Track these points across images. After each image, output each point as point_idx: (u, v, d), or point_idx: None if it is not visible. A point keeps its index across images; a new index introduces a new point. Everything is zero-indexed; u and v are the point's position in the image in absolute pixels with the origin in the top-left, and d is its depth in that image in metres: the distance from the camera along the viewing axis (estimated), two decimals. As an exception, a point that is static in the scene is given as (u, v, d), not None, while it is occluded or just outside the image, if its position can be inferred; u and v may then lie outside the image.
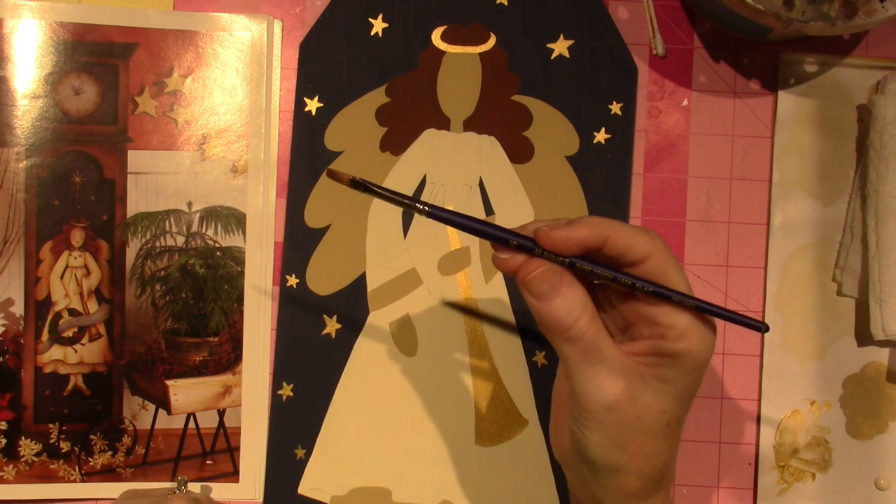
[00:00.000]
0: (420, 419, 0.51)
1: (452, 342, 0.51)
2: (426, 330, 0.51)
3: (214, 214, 0.51)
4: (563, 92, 0.52)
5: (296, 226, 0.51)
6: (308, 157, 0.51)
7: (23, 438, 0.51)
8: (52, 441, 0.51)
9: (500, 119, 0.52)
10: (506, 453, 0.50)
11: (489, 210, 0.51)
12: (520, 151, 0.52)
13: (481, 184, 0.52)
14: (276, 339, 0.51)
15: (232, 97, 0.52)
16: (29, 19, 0.51)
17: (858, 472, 0.51)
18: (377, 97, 0.52)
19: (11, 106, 0.51)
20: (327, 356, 0.51)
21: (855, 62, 0.52)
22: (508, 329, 0.51)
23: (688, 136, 0.52)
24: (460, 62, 0.52)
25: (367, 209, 0.51)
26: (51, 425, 0.51)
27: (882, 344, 0.51)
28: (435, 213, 0.34)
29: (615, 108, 0.51)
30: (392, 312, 0.51)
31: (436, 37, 0.52)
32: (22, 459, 0.51)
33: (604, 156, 0.51)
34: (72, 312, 0.51)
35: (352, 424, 0.51)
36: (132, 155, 0.51)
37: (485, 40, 0.52)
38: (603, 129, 0.51)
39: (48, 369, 0.51)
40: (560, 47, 0.52)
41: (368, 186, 0.34)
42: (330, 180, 0.51)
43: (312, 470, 0.50)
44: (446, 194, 0.52)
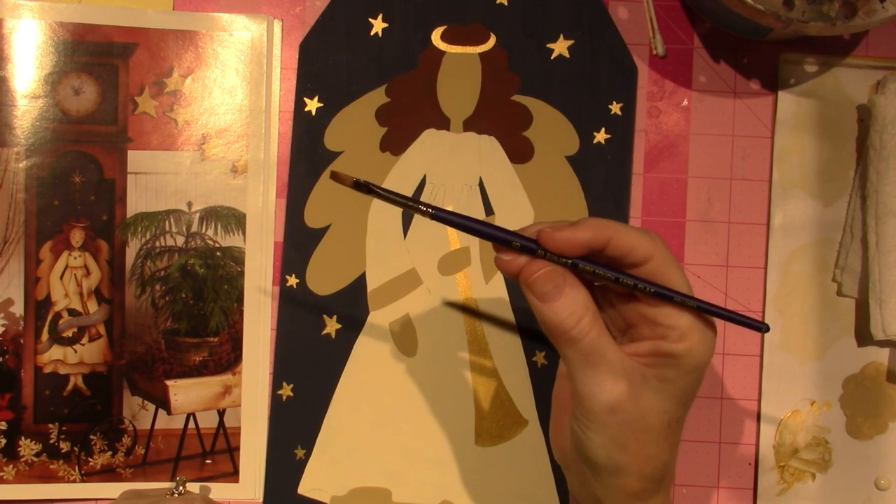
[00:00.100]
0: (420, 419, 0.51)
1: (452, 342, 0.51)
2: (426, 330, 0.51)
3: (214, 214, 0.51)
4: (563, 92, 0.52)
5: (296, 226, 0.51)
6: (308, 157, 0.51)
7: (23, 438, 0.51)
8: (51, 441, 0.51)
9: (500, 119, 0.52)
10: (506, 453, 0.50)
11: (489, 210, 0.51)
12: (520, 151, 0.52)
13: (481, 184, 0.52)
14: (276, 339, 0.51)
15: (232, 97, 0.52)
16: (29, 19, 0.51)
17: (858, 472, 0.51)
18: (377, 97, 0.52)
19: (11, 106, 0.51)
20: (327, 356, 0.51)
21: (855, 62, 0.52)
22: (508, 329, 0.51)
23: (688, 136, 0.52)
24: (460, 62, 0.52)
25: (366, 209, 0.51)
26: (51, 425, 0.51)
27: (882, 344, 0.51)
28: (438, 215, 0.35)
29: (615, 108, 0.51)
30: (392, 312, 0.51)
31: (436, 37, 0.52)
32: (22, 459, 0.51)
33: (604, 156, 0.51)
34: (72, 312, 0.51)
35: (352, 424, 0.51)
36: (132, 155, 0.51)
37: (485, 40, 0.52)
38: (603, 129, 0.51)
39: (48, 369, 0.51)
40: (560, 47, 0.52)
41: (371, 188, 0.34)
42: (330, 180, 0.51)
43: (312, 470, 0.50)
44: (446, 194, 0.52)
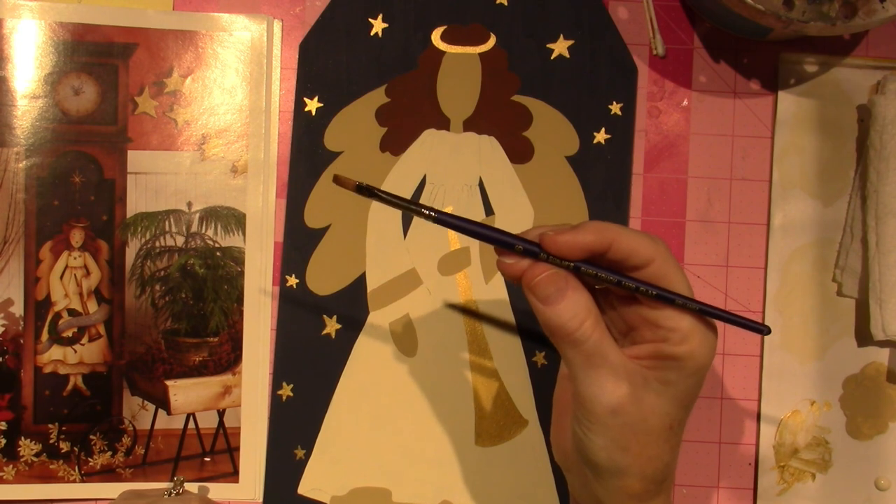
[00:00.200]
0: (420, 419, 0.51)
1: (452, 342, 0.51)
2: (426, 330, 0.51)
3: (214, 214, 0.51)
4: (563, 92, 0.52)
5: (296, 226, 0.51)
6: (308, 157, 0.51)
7: (22, 438, 0.51)
8: (51, 441, 0.51)
9: (500, 119, 0.52)
10: (506, 453, 0.50)
11: (489, 210, 0.51)
12: (520, 151, 0.52)
13: (481, 184, 0.52)
14: (276, 339, 0.51)
15: (232, 97, 0.52)
16: (29, 19, 0.51)
17: (858, 472, 0.51)
18: (377, 97, 0.52)
19: (11, 106, 0.51)
20: (327, 356, 0.51)
21: (855, 62, 0.52)
22: (508, 329, 0.51)
23: (688, 136, 0.52)
24: (460, 62, 0.52)
25: (366, 209, 0.51)
26: (50, 425, 0.51)
27: (882, 344, 0.51)
28: (441, 219, 0.35)
29: (615, 108, 0.51)
30: (392, 312, 0.51)
31: (436, 37, 0.52)
32: (22, 459, 0.51)
33: (604, 156, 0.51)
34: (71, 312, 0.51)
35: (352, 424, 0.51)
36: (132, 155, 0.51)
37: (485, 40, 0.52)
38: (603, 129, 0.51)
39: (48, 369, 0.51)
40: (560, 47, 0.52)
41: (374, 192, 0.34)
42: (329, 180, 0.51)
43: (312, 470, 0.50)
44: (446, 194, 0.52)
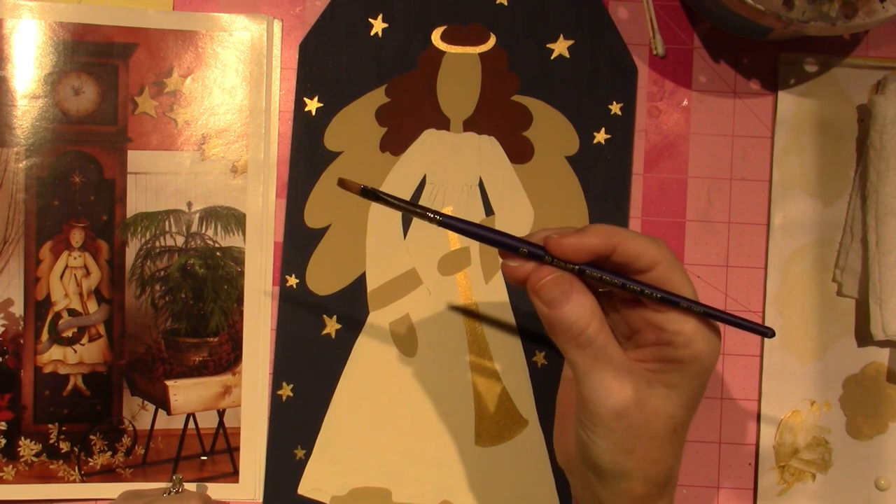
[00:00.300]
0: (420, 419, 0.51)
1: (452, 342, 0.51)
2: (426, 330, 0.51)
3: (214, 214, 0.51)
4: (563, 92, 0.52)
5: (296, 226, 0.51)
6: (308, 157, 0.51)
7: (22, 438, 0.51)
8: (51, 441, 0.51)
9: (500, 119, 0.52)
10: (506, 453, 0.50)
11: (489, 210, 0.51)
12: (520, 151, 0.52)
13: (481, 184, 0.52)
14: (276, 339, 0.51)
15: (232, 97, 0.52)
16: (29, 19, 0.51)
17: (858, 472, 0.51)
18: (377, 97, 0.52)
19: (11, 106, 0.51)
20: (327, 356, 0.51)
21: (855, 62, 0.52)
22: (508, 329, 0.51)
23: (688, 136, 0.52)
24: (460, 62, 0.52)
25: (366, 209, 0.51)
26: (50, 425, 0.51)
27: (882, 344, 0.51)
28: (446, 222, 0.35)
29: (615, 108, 0.51)
30: (392, 312, 0.51)
31: (436, 37, 0.52)
32: (21, 460, 0.51)
33: (604, 156, 0.51)
34: (71, 312, 0.51)
35: (352, 424, 0.51)
36: (132, 155, 0.51)
37: (485, 40, 0.52)
38: (603, 129, 0.51)
39: (48, 369, 0.51)
40: (560, 47, 0.52)
41: (379, 195, 0.35)
42: (329, 180, 0.51)
43: (312, 470, 0.50)
44: (446, 194, 0.52)
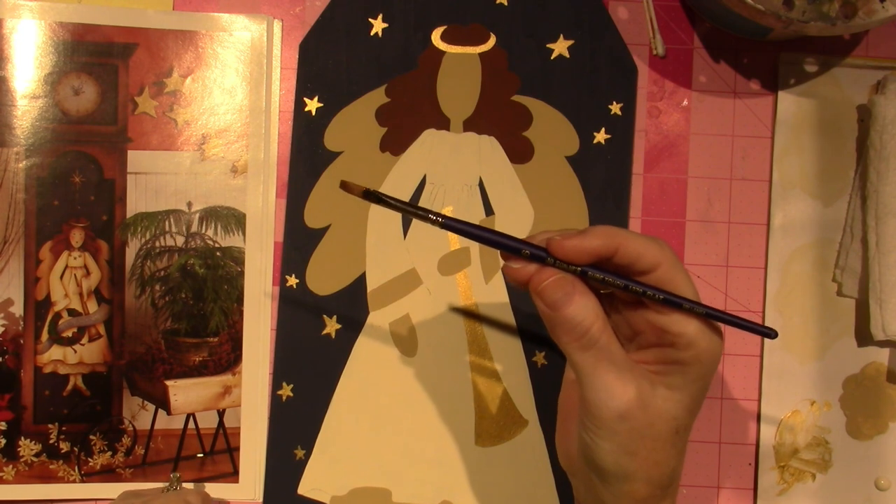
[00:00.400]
0: (420, 419, 0.51)
1: (452, 342, 0.51)
2: (426, 330, 0.51)
3: (214, 214, 0.51)
4: (563, 92, 0.52)
5: (296, 226, 0.51)
6: (308, 157, 0.51)
7: (22, 439, 0.51)
8: (51, 441, 0.51)
9: (499, 119, 0.52)
10: (506, 453, 0.50)
11: (489, 210, 0.51)
12: (520, 151, 0.52)
13: (481, 184, 0.52)
14: (276, 339, 0.51)
15: (232, 97, 0.52)
16: (29, 19, 0.51)
17: (858, 472, 0.51)
18: (377, 97, 0.52)
19: (11, 106, 0.51)
20: (327, 356, 0.51)
21: (855, 62, 0.52)
22: (508, 329, 0.51)
23: (688, 136, 0.52)
24: (460, 62, 0.52)
25: (366, 209, 0.51)
26: (50, 425, 0.51)
27: (882, 344, 0.51)
28: (448, 224, 0.35)
29: (615, 108, 0.51)
30: (392, 312, 0.51)
31: (436, 37, 0.52)
32: (21, 460, 0.51)
33: (604, 156, 0.51)
34: (71, 312, 0.51)
35: (352, 424, 0.51)
36: (132, 155, 0.51)
37: (485, 40, 0.52)
38: (603, 129, 0.51)
39: (48, 369, 0.51)
40: (560, 47, 0.52)
41: (381, 197, 0.35)
42: (329, 180, 0.51)
43: (312, 470, 0.50)
44: (446, 194, 0.52)
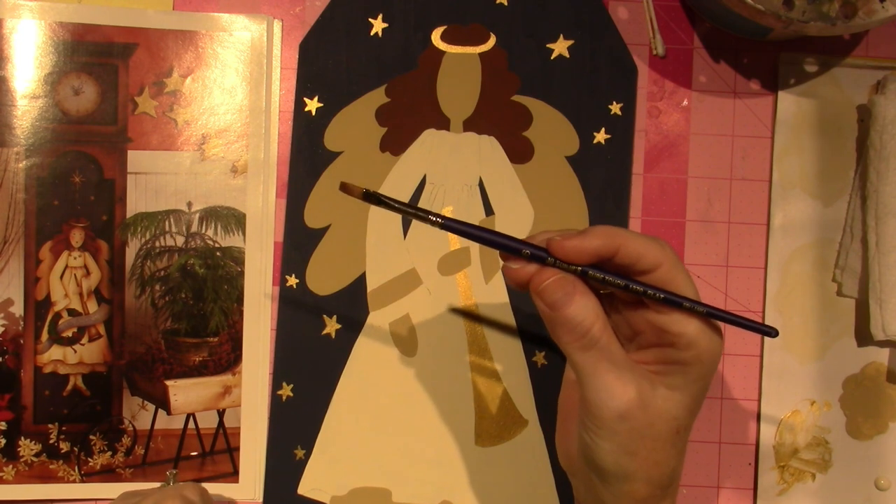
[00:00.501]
0: (420, 419, 0.51)
1: (452, 342, 0.51)
2: (426, 330, 0.51)
3: (214, 214, 0.51)
4: (563, 92, 0.52)
5: (296, 226, 0.51)
6: (308, 157, 0.51)
7: (22, 438, 0.51)
8: (51, 441, 0.51)
9: (499, 119, 0.52)
10: (506, 453, 0.50)
11: (489, 210, 0.51)
12: (520, 151, 0.52)
13: (481, 184, 0.52)
14: (276, 339, 0.51)
15: (232, 97, 0.52)
16: (29, 19, 0.51)
17: (858, 472, 0.51)
18: (377, 97, 0.52)
19: (11, 106, 0.51)
20: (327, 356, 0.51)
21: (855, 62, 0.52)
22: (508, 329, 0.51)
23: (688, 136, 0.52)
24: (460, 62, 0.52)
25: (366, 210, 0.51)
26: (50, 425, 0.51)
27: (882, 344, 0.51)
28: (448, 225, 0.35)
29: (615, 108, 0.51)
30: (392, 312, 0.51)
31: (436, 37, 0.52)
32: (21, 459, 0.51)
33: (604, 156, 0.51)
34: (71, 312, 0.51)
35: (352, 424, 0.51)
36: (132, 155, 0.51)
37: (485, 40, 0.52)
38: (603, 129, 0.51)
39: (48, 369, 0.51)
40: (560, 47, 0.52)
41: (381, 199, 0.35)
42: (329, 180, 0.51)
43: (312, 470, 0.50)
44: (446, 194, 0.52)
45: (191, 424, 0.51)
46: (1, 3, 0.51)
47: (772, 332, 0.36)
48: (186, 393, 0.51)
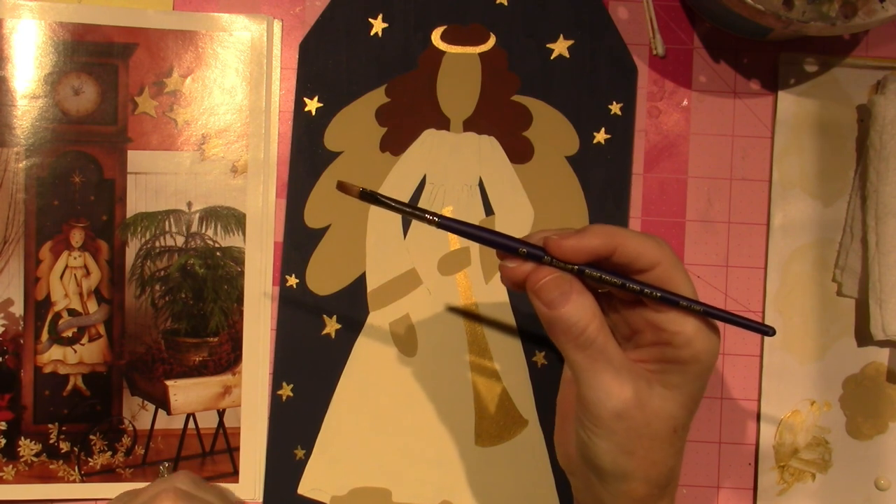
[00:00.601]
0: (420, 419, 0.51)
1: (452, 342, 0.51)
2: (426, 330, 0.51)
3: (214, 214, 0.51)
4: (563, 92, 0.52)
5: (296, 226, 0.51)
6: (308, 157, 0.51)
7: (22, 438, 0.51)
8: (51, 441, 0.51)
9: (499, 119, 0.52)
10: (506, 453, 0.50)
11: (489, 210, 0.51)
12: (520, 151, 0.52)
13: (481, 184, 0.52)
14: (276, 339, 0.51)
15: (232, 97, 0.52)
16: (29, 19, 0.51)
17: (858, 472, 0.51)
18: (377, 97, 0.52)
19: (11, 106, 0.51)
20: (327, 356, 0.51)
21: (855, 62, 0.52)
22: (508, 329, 0.51)
23: (688, 136, 0.52)
24: (460, 62, 0.52)
25: (366, 209, 0.51)
26: (50, 425, 0.51)
27: (882, 344, 0.51)
28: (444, 224, 0.35)
29: (615, 108, 0.51)
30: (392, 312, 0.51)
31: (436, 37, 0.52)
32: (21, 459, 0.51)
33: (604, 156, 0.51)
34: (71, 312, 0.51)
35: (352, 424, 0.51)
36: (132, 155, 0.51)
37: (485, 40, 0.52)
38: (603, 129, 0.51)
39: (48, 369, 0.51)
40: (560, 47, 0.52)
41: (378, 198, 0.35)
42: (329, 180, 0.51)
43: (312, 470, 0.50)
44: (446, 194, 0.52)
45: (191, 424, 0.51)
46: (1, 3, 0.51)
47: (769, 331, 0.36)
48: (186, 393, 0.51)
